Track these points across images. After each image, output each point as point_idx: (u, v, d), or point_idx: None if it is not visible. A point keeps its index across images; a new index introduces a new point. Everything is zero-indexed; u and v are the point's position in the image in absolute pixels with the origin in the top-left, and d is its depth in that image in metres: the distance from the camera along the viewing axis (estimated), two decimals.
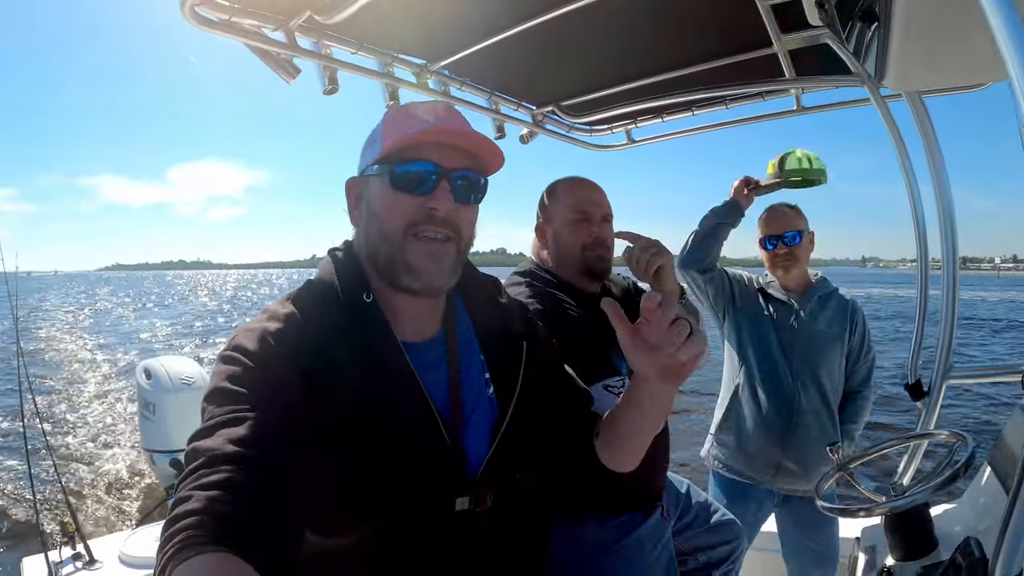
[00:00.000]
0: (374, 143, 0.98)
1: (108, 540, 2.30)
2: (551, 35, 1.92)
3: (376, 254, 0.96)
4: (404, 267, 0.94)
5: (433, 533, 0.92)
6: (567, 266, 1.60)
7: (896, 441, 1.74)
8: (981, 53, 1.24)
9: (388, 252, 0.94)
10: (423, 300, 0.99)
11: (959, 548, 1.15)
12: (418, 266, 0.93)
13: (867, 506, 1.40)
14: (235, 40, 1.53)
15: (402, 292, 0.96)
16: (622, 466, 1.10)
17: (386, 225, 0.94)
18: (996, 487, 1.38)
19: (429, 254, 0.94)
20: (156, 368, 3.09)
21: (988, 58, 1.26)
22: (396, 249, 0.94)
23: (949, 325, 1.79)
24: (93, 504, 5.73)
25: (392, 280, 0.95)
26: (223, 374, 0.82)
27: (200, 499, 0.66)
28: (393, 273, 0.95)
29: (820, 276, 2.35)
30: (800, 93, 2.26)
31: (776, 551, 2.36)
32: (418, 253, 0.93)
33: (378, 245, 0.96)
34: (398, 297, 0.97)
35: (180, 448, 3.12)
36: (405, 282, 0.94)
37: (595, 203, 1.60)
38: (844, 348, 2.26)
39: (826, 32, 1.71)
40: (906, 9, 1.09)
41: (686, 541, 1.76)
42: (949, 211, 1.77)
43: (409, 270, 0.93)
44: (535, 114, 2.60)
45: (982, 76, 1.37)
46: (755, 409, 2.22)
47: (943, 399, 1.86)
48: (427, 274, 0.94)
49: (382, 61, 1.96)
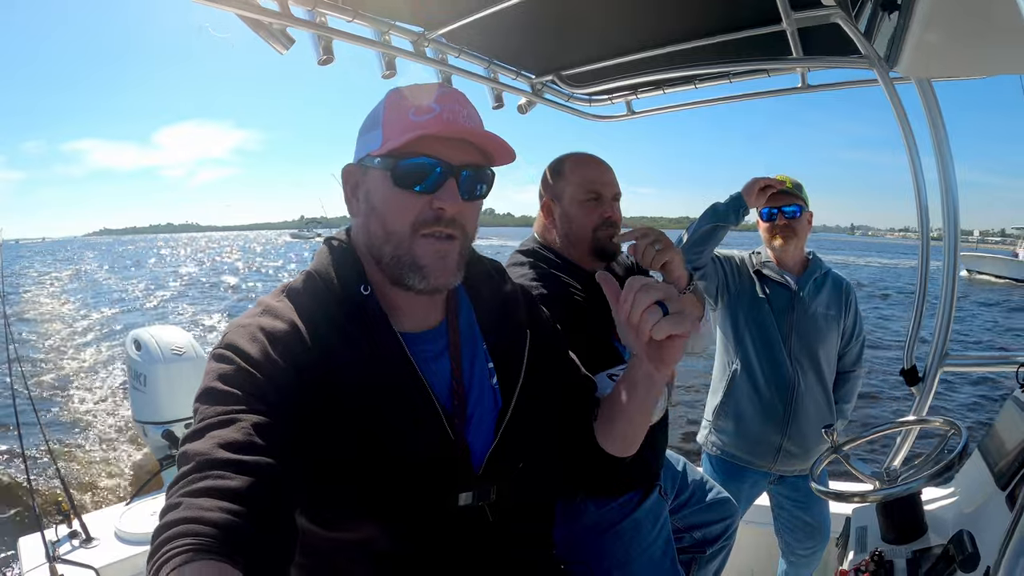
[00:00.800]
0: (374, 128, 0.91)
1: (103, 515, 2.29)
2: (553, 4, 1.84)
3: (379, 251, 0.92)
4: (411, 267, 0.90)
5: (437, 528, 0.91)
6: (577, 246, 1.56)
7: (890, 426, 1.77)
8: (997, 46, 1.21)
9: (393, 251, 0.90)
10: (423, 294, 0.95)
11: (952, 540, 1.19)
12: (425, 267, 0.90)
13: (862, 491, 1.43)
14: (226, 10, 1.44)
15: (405, 289, 0.92)
16: (620, 451, 1.09)
17: (390, 223, 0.90)
18: (986, 476, 1.42)
19: (436, 254, 0.90)
20: (146, 339, 3.03)
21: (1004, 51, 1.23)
22: (403, 249, 0.90)
23: (947, 313, 1.81)
24: (85, 478, 5.72)
25: (397, 279, 0.92)
26: (215, 373, 0.80)
27: (190, 506, 0.65)
28: (398, 272, 0.91)
29: (813, 255, 2.33)
30: (806, 71, 2.21)
31: (766, 524, 2.42)
32: (425, 254, 0.90)
33: (381, 243, 0.91)
34: (398, 290, 0.94)
35: (172, 419, 3.11)
36: (411, 282, 0.91)
37: (606, 182, 1.56)
38: (840, 330, 2.25)
39: (837, 12, 1.67)
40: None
41: (682, 519, 1.80)
42: (953, 197, 1.77)
43: (416, 270, 0.90)
44: (534, 83, 2.53)
45: (995, 68, 1.35)
46: (754, 395, 2.22)
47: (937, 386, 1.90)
48: (434, 275, 0.91)
49: (378, 29, 1.87)
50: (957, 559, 1.14)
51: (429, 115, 0.87)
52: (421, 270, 0.90)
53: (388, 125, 0.89)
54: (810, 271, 2.28)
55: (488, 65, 2.30)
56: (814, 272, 2.28)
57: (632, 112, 2.75)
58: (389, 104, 0.91)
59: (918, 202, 1.96)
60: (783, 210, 2.19)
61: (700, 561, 1.80)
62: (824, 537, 2.29)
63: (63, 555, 1.93)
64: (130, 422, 5.78)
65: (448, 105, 0.89)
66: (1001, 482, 1.34)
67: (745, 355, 2.24)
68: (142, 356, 3.02)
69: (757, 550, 2.53)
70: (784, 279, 2.24)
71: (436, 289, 0.92)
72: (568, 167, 1.59)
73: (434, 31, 1.97)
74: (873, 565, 1.38)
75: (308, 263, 0.99)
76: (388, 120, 0.90)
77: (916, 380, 1.94)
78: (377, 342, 0.89)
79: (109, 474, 5.90)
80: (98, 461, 6.22)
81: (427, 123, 0.86)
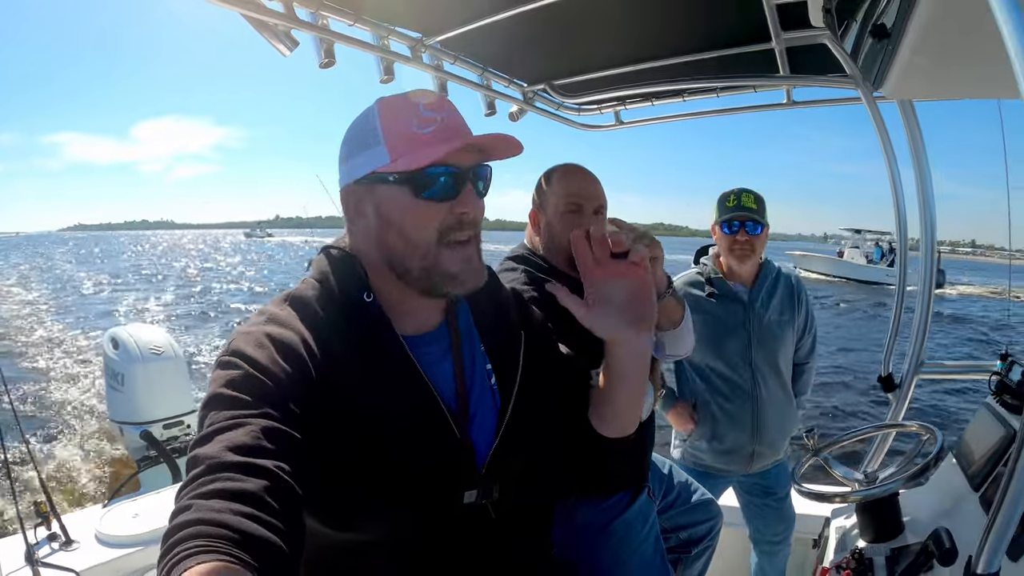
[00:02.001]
0: (373, 144, 0.90)
1: (82, 516, 2.24)
2: (549, 15, 1.88)
3: (403, 264, 0.92)
4: (443, 276, 0.91)
5: (443, 527, 0.93)
6: (557, 255, 1.60)
7: (869, 430, 1.85)
8: (981, 73, 1.28)
9: (421, 263, 0.91)
10: (433, 297, 0.97)
11: (931, 537, 1.25)
12: (459, 273, 0.91)
13: (843, 492, 1.49)
14: (232, 10, 1.45)
15: (436, 297, 0.95)
16: (619, 431, 1.11)
17: (414, 234, 0.90)
18: (960, 477, 1.50)
19: (465, 259, 0.92)
20: (124, 337, 2.97)
21: (988, 77, 1.31)
22: (430, 260, 0.90)
23: (923, 322, 1.89)
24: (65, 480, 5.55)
25: (428, 288, 0.93)
26: (221, 380, 0.80)
27: (200, 508, 0.66)
28: (429, 282, 0.92)
29: (765, 259, 2.30)
30: (791, 88, 2.29)
31: (739, 524, 2.49)
32: (455, 261, 0.91)
33: (405, 256, 0.91)
34: (405, 295, 0.95)
35: (150, 420, 3.05)
36: (446, 289, 0.92)
37: (588, 195, 1.58)
38: (794, 329, 2.28)
39: (825, 33, 1.74)
40: (923, 28, 1.12)
41: (668, 519, 1.84)
42: (930, 210, 1.85)
43: (450, 279, 0.91)
44: (526, 92, 2.57)
45: (977, 92, 1.43)
46: (721, 412, 2.24)
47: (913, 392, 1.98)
48: (469, 279, 0.93)
49: (378, 34, 1.89)
50: (936, 554, 1.20)
51: (434, 125, 0.89)
52: (455, 278, 0.91)
53: (392, 140, 0.89)
54: (762, 279, 2.26)
55: (482, 72, 2.33)
56: (766, 279, 2.26)
57: (620, 122, 2.81)
58: (385, 117, 0.90)
59: (897, 214, 2.04)
60: (745, 226, 2.15)
61: (686, 561, 1.85)
62: (791, 522, 2.35)
63: (43, 558, 1.89)
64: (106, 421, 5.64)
65: (446, 112, 0.91)
66: (975, 483, 1.42)
67: (707, 376, 2.26)
68: (119, 355, 2.96)
69: (731, 550, 2.59)
70: (736, 295, 2.23)
71: (472, 290, 0.94)
72: (555, 178, 1.62)
73: (432, 37, 2.00)
74: (854, 562, 1.44)
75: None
76: (390, 135, 0.89)
77: (893, 387, 2.02)
78: (381, 346, 0.90)
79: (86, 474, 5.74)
80: (75, 461, 6.04)
81: (434, 134, 0.88)
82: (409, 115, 0.90)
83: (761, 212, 2.18)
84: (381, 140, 0.89)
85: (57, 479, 5.53)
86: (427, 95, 0.92)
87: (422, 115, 0.89)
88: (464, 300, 1.07)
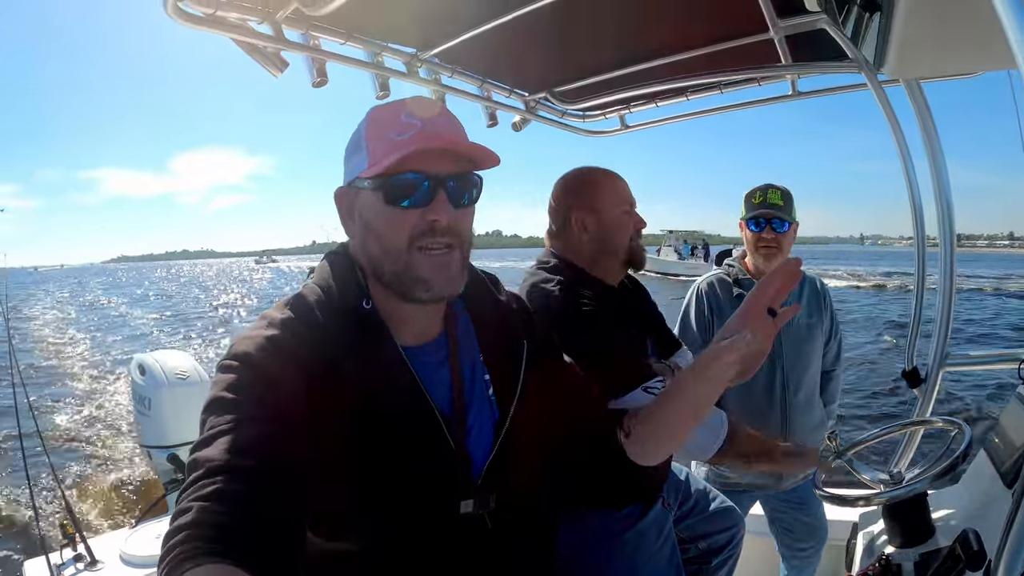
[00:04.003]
0: (358, 150, 0.94)
1: (108, 539, 2.30)
2: (544, 21, 1.87)
3: (379, 269, 0.94)
4: (413, 281, 0.92)
5: (438, 537, 0.92)
6: (612, 255, 1.59)
7: (893, 428, 1.75)
8: (980, 42, 1.23)
9: (393, 268, 0.92)
10: (426, 305, 0.97)
11: (958, 539, 1.17)
12: (428, 278, 0.92)
13: (867, 495, 1.41)
14: (222, 35, 1.49)
15: (411, 302, 0.94)
16: (651, 459, 1.12)
17: (387, 241, 0.92)
18: (992, 474, 1.40)
19: (437, 265, 0.92)
20: (150, 363, 3.06)
21: (986, 47, 1.25)
22: (402, 265, 0.91)
23: (946, 313, 1.80)
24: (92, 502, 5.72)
25: (402, 293, 0.94)
26: (222, 383, 0.82)
27: (200, 510, 0.67)
28: (402, 287, 0.93)
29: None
30: (796, 78, 2.24)
31: (764, 533, 2.38)
32: (425, 266, 0.91)
33: (381, 261, 0.93)
34: (399, 303, 0.95)
35: (177, 443, 3.12)
36: (417, 294, 0.93)
37: (632, 197, 1.63)
38: (823, 334, 2.21)
39: (824, 18, 1.69)
40: None
41: (686, 529, 1.78)
42: (947, 198, 1.77)
43: (419, 282, 0.92)
44: (527, 101, 2.56)
45: (980, 64, 1.36)
46: (749, 419, 2.15)
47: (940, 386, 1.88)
48: (439, 285, 0.93)
49: (371, 51, 1.91)
50: (964, 558, 1.12)
51: (412, 131, 0.90)
52: (425, 282, 0.92)
53: (372, 146, 0.92)
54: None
55: (481, 84, 2.33)
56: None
57: (626, 126, 2.78)
58: (370, 125, 0.94)
59: (912, 206, 1.96)
60: (772, 224, 2.10)
61: (706, 572, 1.78)
62: (823, 535, 2.25)
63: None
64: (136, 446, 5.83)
65: (429, 117, 0.92)
66: (1007, 479, 1.33)
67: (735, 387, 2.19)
68: (146, 380, 3.04)
69: (758, 560, 2.48)
70: None
71: (442, 297, 0.95)
72: (602, 180, 1.63)
73: (427, 51, 2.01)
74: (880, 569, 1.35)
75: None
76: (371, 141, 0.92)
77: (918, 382, 1.92)
78: (378, 354, 0.91)
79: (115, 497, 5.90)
80: (103, 484, 6.22)
81: (409, 140, 0.89)
82: (391, 121, 0.92)
83: (788, 209, 2.11)
84: (364, 146, 0.93)
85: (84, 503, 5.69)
86: (417, 103, 0.94)
87: (402, 121, 0.91)
88: (465, 310, 1.07)
